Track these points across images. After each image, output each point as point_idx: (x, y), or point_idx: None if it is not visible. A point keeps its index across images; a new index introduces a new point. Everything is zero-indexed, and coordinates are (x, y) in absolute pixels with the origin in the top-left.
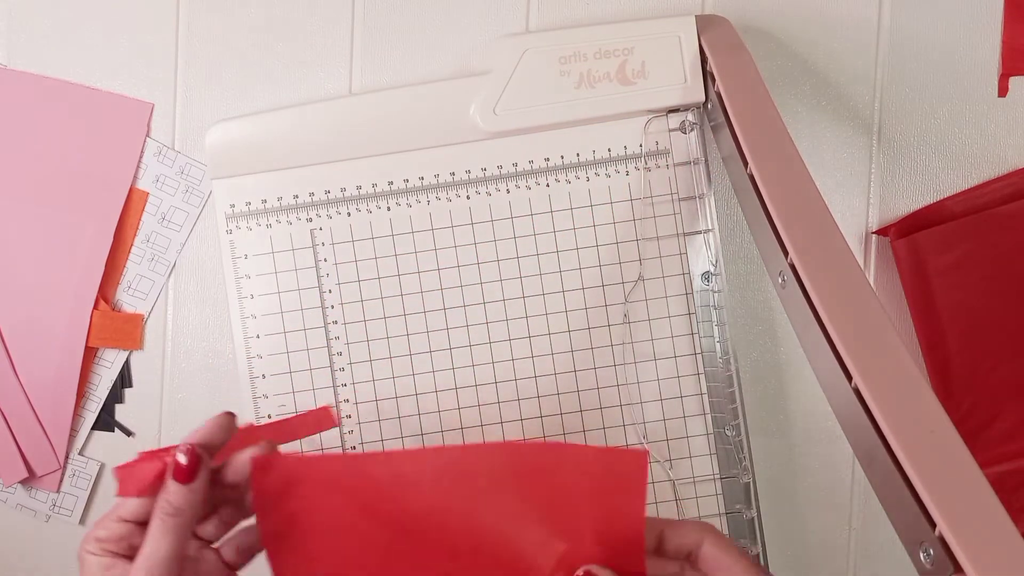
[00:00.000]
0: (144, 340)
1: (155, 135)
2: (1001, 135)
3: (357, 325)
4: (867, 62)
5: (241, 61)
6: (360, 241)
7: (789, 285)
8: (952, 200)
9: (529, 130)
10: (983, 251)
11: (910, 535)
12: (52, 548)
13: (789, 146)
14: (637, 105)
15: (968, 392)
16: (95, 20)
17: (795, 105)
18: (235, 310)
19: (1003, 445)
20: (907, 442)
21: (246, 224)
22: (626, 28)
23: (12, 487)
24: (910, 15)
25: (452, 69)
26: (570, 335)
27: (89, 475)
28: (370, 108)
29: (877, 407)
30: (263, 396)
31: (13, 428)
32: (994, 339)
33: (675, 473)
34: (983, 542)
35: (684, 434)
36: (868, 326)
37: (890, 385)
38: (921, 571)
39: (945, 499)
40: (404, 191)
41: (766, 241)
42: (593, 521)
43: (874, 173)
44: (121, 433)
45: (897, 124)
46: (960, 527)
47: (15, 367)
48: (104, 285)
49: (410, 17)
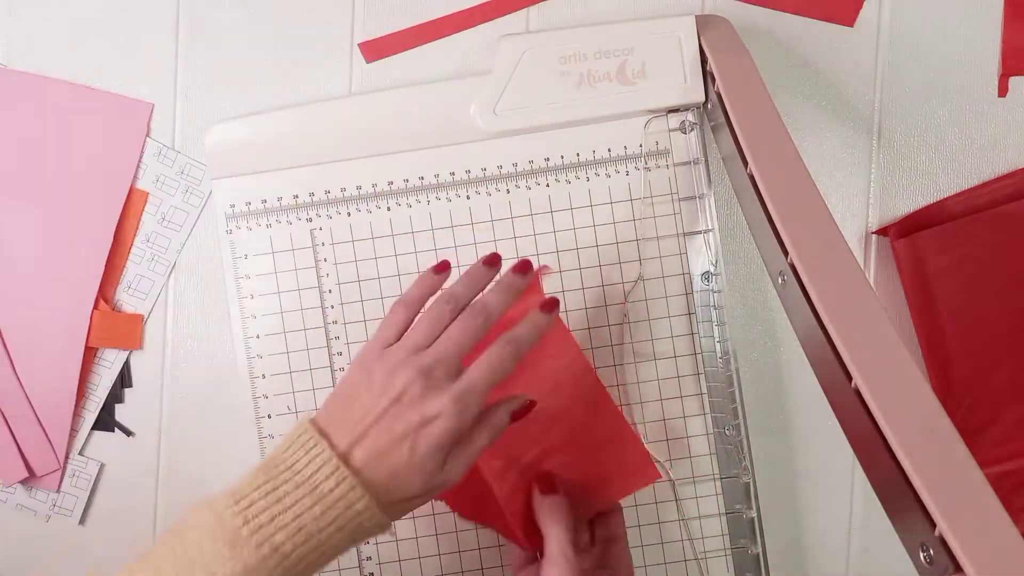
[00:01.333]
0: (144, 340)
1: (155, 135)
2: (1001, 135)
3: (357, 325)
4: (867, 62)
5: (241, 61)
6: (360, 241)
7: (789, 285)
8: (952, 200)
9: (529, 130)
10: (983, 251)
11: (910, 535)
12: (52, 548)
13: (789, 146)
14: (637, 105)
15: (968, 392)
16: (95, 20)
17: (795, 105)
18: (235, 310)
19: (1003, 445)
20: (907, 442)
21: (246, 224)
22: (626, 28)
23: (12, 487)
24: (910, 15)
25: (452, 69)
26: None
27: (89, 475)
28: (370, 108)
29: (877, 407)
30: (263, 396)
31: (13, 428)
32: (994, 339)
33: (675, 473)
34: (983, 542)
35: (684, 434)
36: (868, 326)
37: (890, 385)
38: (921, 571)
39: (945, 499)
40: (404, 191)
41: (766, 241)
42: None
43: (874, 173)
44: (121, 433)
45: (897, 124)
46: (960, 527)
47: (15, 367)
48: (104, 285)
49: (410, 17)
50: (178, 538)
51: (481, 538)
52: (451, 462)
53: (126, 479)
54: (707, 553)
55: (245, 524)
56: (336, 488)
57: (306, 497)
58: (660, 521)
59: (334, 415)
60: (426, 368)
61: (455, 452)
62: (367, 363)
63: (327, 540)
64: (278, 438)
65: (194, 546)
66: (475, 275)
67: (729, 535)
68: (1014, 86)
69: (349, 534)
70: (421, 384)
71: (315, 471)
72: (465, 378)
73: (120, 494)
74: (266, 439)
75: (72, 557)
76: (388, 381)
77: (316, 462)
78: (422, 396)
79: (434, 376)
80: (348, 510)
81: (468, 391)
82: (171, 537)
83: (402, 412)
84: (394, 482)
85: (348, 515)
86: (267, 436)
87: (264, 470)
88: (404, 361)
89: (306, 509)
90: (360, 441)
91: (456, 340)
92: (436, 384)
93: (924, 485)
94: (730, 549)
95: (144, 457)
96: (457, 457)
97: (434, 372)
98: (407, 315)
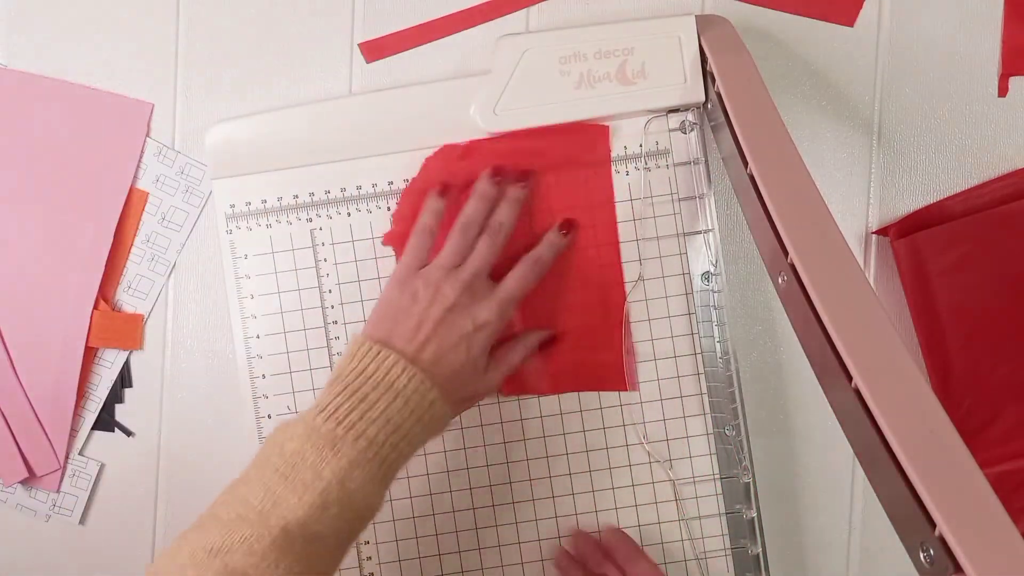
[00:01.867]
0: (144, 340)
1: (155, 135)
2: (1001, 135)
3: (357, 325)
4: (867, 62)
5: (241, 61)
6: (360, 241)
7: (789, 285)
8: (952, 200)
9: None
10: (983, 251)
11: (910, 535)
12: (52, 548)
13: (789, 146)
14: (637, 105)
15: (968, 392)
16: (95, 20)
17: (795, 105)
18: (235, 310)
19: (1003, 445)
20: (907, 442)
21: (246, 224)
22: (626, 28)
23: (12, 487)
24: (910, 15)
25: (452, 69)
26: None
27: (89, 475)
28: (370, 108)
29: (877, 407)
30: (263, 396)
31: (13, 428)
32: (994, 339)
33: (675, 473)
34: (983, 542)
35: (684, 434)
36: (868, 326)
37: (890, 385)
38: (921, 571)
39: (945, 499)
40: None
41: (766, 241)
42: (565, 197)
43: (874, 173)
44: (121, 433)
45: (897, 124)
46: (960, 527)
47: (15, 367)
48: (104, 285)
49: (410, 17)
50: (276, 453)
51: (481, 538)
52: (492, 371)
53: (126, 479)
54: (707, 553)
55: (338, 425)
56: (410, 383)
57: (387, 393)
58: (660, 521)
59: (386, 329)
60: (468, 281)
61: (494, 363)
62: (406, 282)
63: (410, 429)
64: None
65: (295, 454)
66: (484, 194)
67: (729, 535)
68: (1014, 86)
69: (424, 426)
70: (468, 295)
71: (387, 372)
72: (503, 289)
73: (120, 494)
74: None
75: (72, 557)
76: (436, 294)
77: (386, 364)
78: (470, 305)
79: (476, 288)
80: (423, 400)
81: (508, 300)
82: (268, 454)
83: (456, 319)
84: (455, 381)
85: (423, 405)
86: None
87: (338, 382)
88: (446, 277)
89: (389, 403)
90: (424, 346)
91: (485, 257)
92: (480, 294)
93: (924, 485)
94: (730, 549)
95: (144, 457)
96: (498, 366)
97: (475, 285)
98: (429, 241)
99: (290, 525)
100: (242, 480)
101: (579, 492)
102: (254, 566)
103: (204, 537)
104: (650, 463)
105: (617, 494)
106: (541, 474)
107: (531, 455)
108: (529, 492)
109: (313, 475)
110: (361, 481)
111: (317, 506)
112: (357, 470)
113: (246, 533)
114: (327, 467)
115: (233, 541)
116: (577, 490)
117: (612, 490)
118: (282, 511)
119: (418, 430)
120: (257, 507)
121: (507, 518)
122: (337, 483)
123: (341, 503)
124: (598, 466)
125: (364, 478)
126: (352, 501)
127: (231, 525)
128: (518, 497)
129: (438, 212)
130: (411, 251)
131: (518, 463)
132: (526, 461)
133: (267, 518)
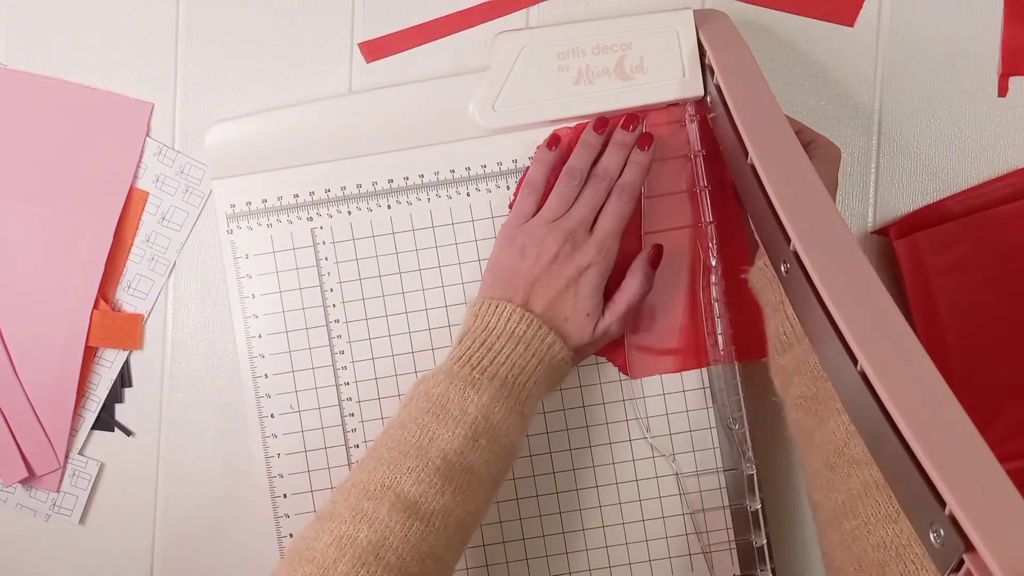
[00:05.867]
0: (144, 340)
1: (155, 135)
2: (1001, 135)
3: (359, 323)
4: (867, 62)
5: (241, 61)
6: (361, 239)
7: (793, 272)
8: (952, 200)
9: (528, 126)
10: (983, 251)
11: (920, 517)
12: (52, 548)
13: (789, 135)
14: (636, 100)
15: (968, 392)
16: (95, 20)
17: (795, 104)
18: (237, 310)
19: (1003, 445)
20: (914, 422)
21: (247, 224)
22: (624, 23)
23: (12, 487)
24: (910, 15)
25: (451, 68)
26: None
27: (89, 475)
28: (369, 106)
29: (883, 388)
30: (266, 396)
31: (13, 428)
32: (994, 339)
33: (679, 467)
34: (994, 518)
35: (687, 428)
36: (872, 308)
37: (896, 366)
38: (932, 553)
39: (954, 477)
40: (404, 189)
41: (768, 230)
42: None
43: (874, 173)
44: (121, 433)
45: (897, 124)
46: (970, 504)
47: (15, 367)
48: (104, 285)
49: (410, 17)
50: (423, 397)
51: (485, 535)
52: (608, 312)
53: (126, 479)
54: (712, 546)
55: (473, 369)
56: (528, 329)
57: (509, 340)
58: (664, 515)
59: (500, 286)
60: (569, 231)
61: (610, 305)
62: (514, 239)
63: (535, 369)
64: (281, 438)
65: (440, 396)
66: (588, 143)
67: (733, 528)
68: (1014, 86)
69: (548, 367)
70: (570, 244)
71: (507, 322)
72: (598, 229)
73: (120, 494)
74: (269, 438)
75: (72, 557)
76: (541, 247)
77: (505, 316)
78: (572, 252)
79: (577, 236)
80: (542, 344)
81: (605, 238)
82: (415, 400)
83: (560, 268)
84: (569, 326)
85: (543, 348)
86: (270, 435)
87: (467, 337)
88: (549, 229)
89: (513, 349)
90: (533, 296)
91: (589, 205)
92: (581, 240)
93: (933, 464)
94: (734, 542)
95: (144, 457)
96: (614, 307)
97: (576, 233)
98: (536, 196)
99: (449, 455)
100: (396, 424)
101: (583, 487)
102: (423, 493)
103: (371, 475)
104: (654, 457)
105: (621, 489)
106: (545, 470)
107: (534, 451)
108: (533, 488)
109: (460, 411)
110: (502, 414)
111: (469, 437)
112: (497, 405)
113: (411, 464)
114: (471, 404)
115: (400, 473)
116: (581, 485)
117: (616, 485)
118: (439, 444)
119: (542, 370)
120: (416, 443)
121: (511, 515)
122: (483, 417)
123: (488, 434)
124: (602, 461)
125: (504, 412)
126: (496, 434)
127: (395, 461)
128: (522, 494)
129: (547, 163)
130: (517, 207)
131: (522, 459)
132: (530, 457)
133: (426, 451)
